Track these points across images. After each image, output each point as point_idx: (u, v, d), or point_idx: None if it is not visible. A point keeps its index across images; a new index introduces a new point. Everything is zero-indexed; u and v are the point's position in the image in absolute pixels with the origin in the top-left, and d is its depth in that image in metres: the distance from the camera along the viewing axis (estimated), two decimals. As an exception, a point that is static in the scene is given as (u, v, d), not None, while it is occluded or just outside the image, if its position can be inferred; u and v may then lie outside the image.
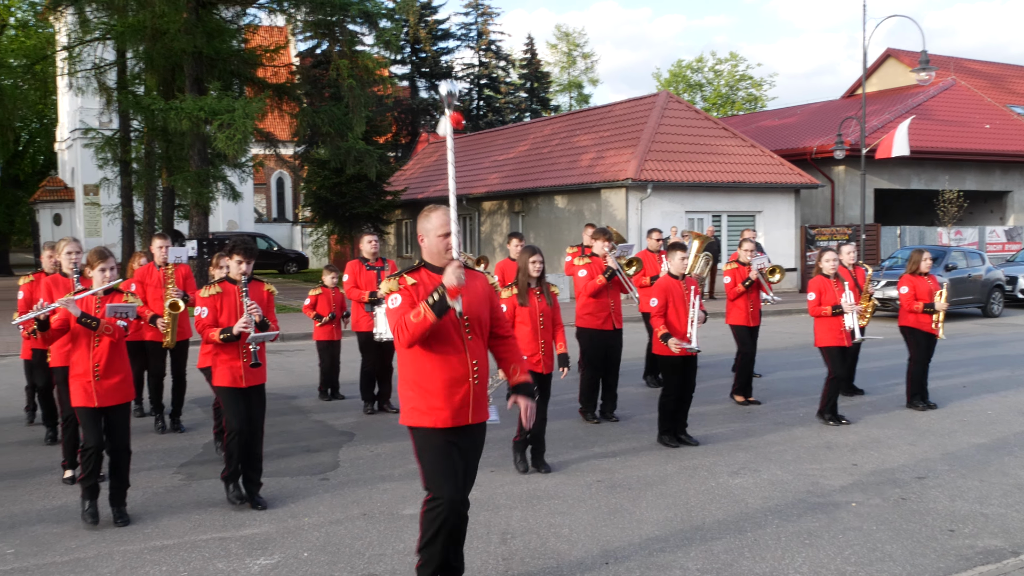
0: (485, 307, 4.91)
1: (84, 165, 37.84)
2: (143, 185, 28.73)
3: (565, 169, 27.26)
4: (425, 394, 4.74)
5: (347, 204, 31.06)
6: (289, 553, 5.90)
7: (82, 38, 25.72)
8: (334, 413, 10.46)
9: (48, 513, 6.82)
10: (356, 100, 22.15)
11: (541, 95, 52.47)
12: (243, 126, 19.11)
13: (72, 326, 6.37)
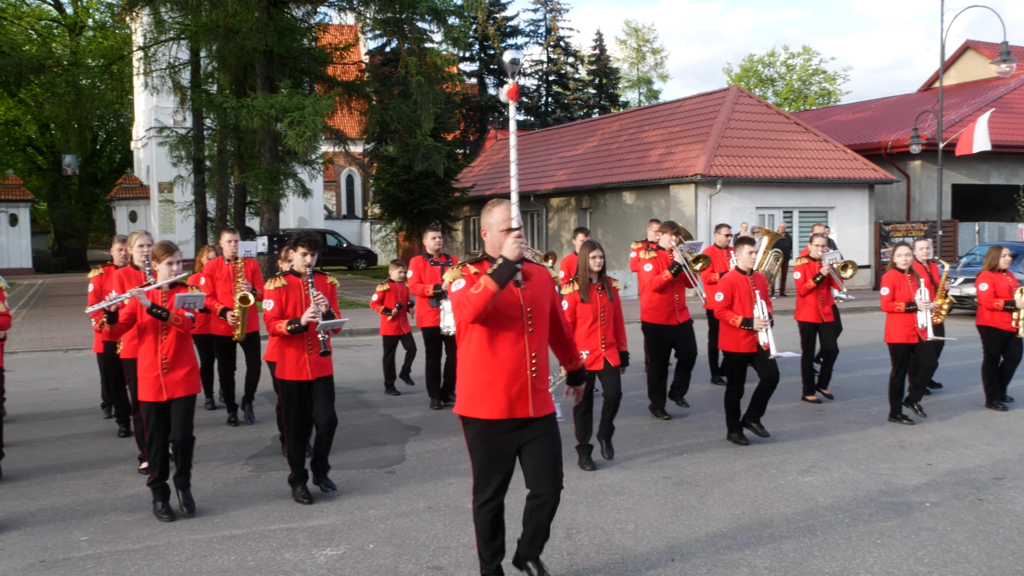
0: (547, 300, 4.90)
1: (159, 163, 38.80)
2: (216, 182, 29.33)
3: (633, 165, 27.07)
4: (481, 384, 4.73)
5: (415, 201, 31.28)
6: (355, 544, 5.95)
7: (157, 38, 26.32)
8: (400, 407, 10.53)
9: (121, 502, 6.98)
10: (424, 97, 22.27)
11: (609, 91, 52.21)
12: (313, 123, 19.35)
13: (140, 319, 6.48)
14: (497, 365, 4.70)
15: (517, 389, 4.72)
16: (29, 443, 8.96)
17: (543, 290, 4.87)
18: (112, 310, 6.36)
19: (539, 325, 4.81)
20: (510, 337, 4.70)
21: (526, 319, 4.74)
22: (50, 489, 7.34)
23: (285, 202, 25.97)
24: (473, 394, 4.76)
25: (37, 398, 11.40)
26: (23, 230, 41.24)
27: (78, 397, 11.47)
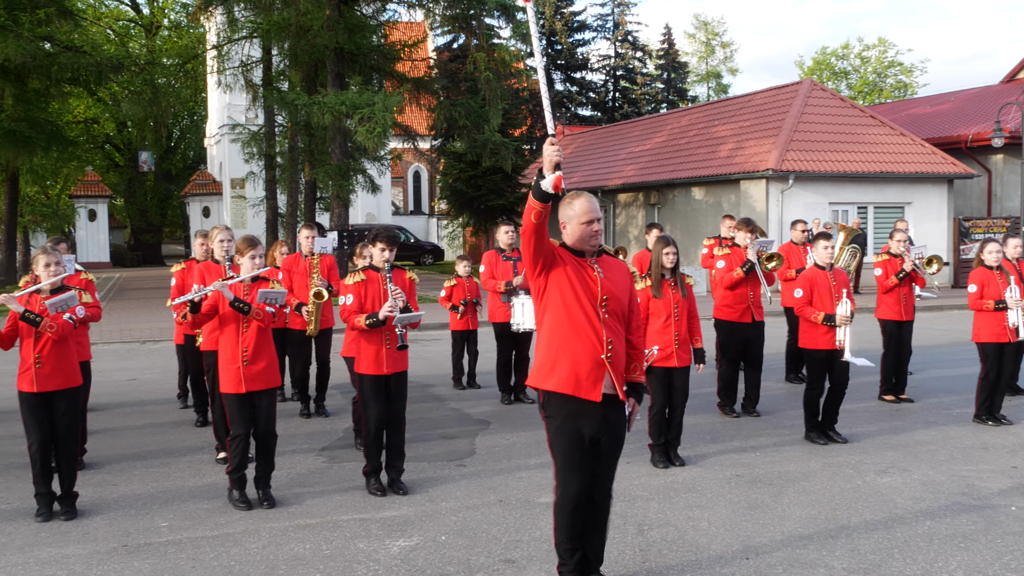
0: (624, 292, 4.85)
1: (231, 160, 39.54)
2: (286, 179, 29.75)
3: (703, 160, 26.77)
4: (553, 359, 4.72)
5: (482, 196, 31.39)
6: (427, 536, 5.98)
7: (230, 37, 26.78)
8: (469, 402, 10.57)
9: (199, 490, 7.12)
10: (492, 92, 22.32)
11: (678, 86, 51.76)
12: (383, 119, 19.52)
13: (222, 311, 6.59)
14: (571, 344, 4.68)
15: (589, 370, 4.68)
16: (110, 431, 9.20)
17: (621, 284, 4.83)
18: (196, 301, 6.47)
19: (613, 314, 4.78)
20: (585, 322, 4.67)
21: (600, 309, 4.71)
22: (131, 476, 7.52)
23: (354, 197, 26.24)
24: (543, 365, 4.76)
25: (116, 388, 11.70)
26: (101, 225, 42.40)
27: (155, 388, 11.75)
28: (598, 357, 4.68)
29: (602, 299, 4.72)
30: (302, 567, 5.46)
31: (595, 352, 4.68)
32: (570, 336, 4.68)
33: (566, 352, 4.69)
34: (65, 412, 6.37)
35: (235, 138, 31.71)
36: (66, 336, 6.39)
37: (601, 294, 4.71)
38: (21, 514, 6.48)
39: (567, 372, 4.68)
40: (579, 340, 4.68)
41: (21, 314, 6.20)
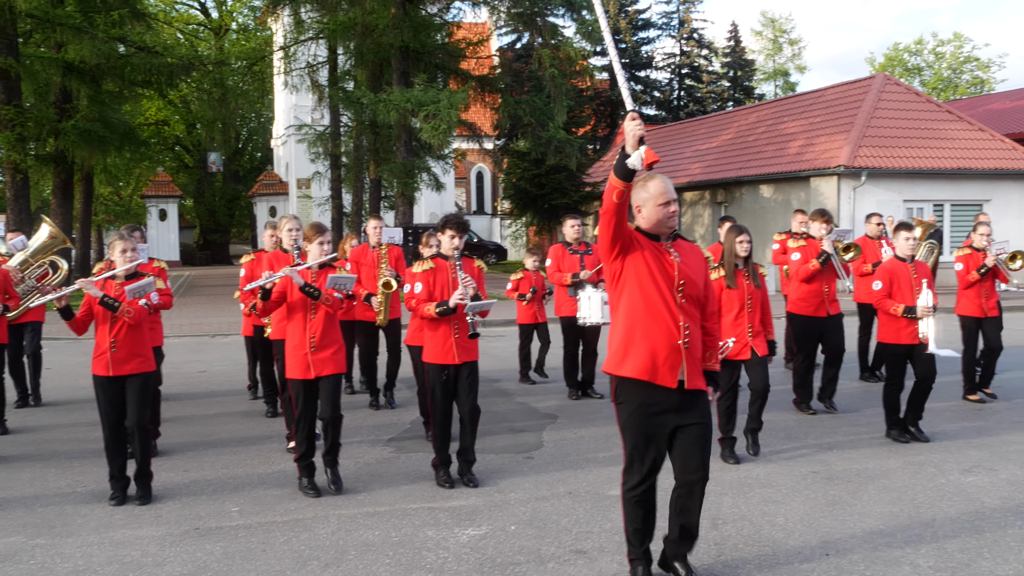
0: (700, 277, 4.73)
1: (297, 160, 40.07)
2: (352, 178, 30.03)
3: (771, 157, 26.32)
4: (628, 344, 4.61)
5: (546, 195, 31.30)
6: (496, 525, 5.90)
7: (297, 38, 27.15)
8: (536, 396, 10.47)
9: (269, 477, 7.14)
10: (558, 89, 22.24)
11: (744, 84, 51.02)
12: (448, 116, 19.57)
13: (291, 298, 6.59)
14: (646, 328, 4.57)
15: (665, 355, 4.57)
16: (181, 420, 9.30)
17: (697, 269, 4.72)
18: (267, 288, 6.48)
19: (690, 300, 4.65)
20: (660, 306, 4.57)
21: (678, 290, 4.59)
22: (202, 463, 7.58)
23: (419, 196, 26.38)
24: (618, 351, 4.66)
25: (187, 379, 11.85)
26: (171, 224, 43.29)
27: (225, 379, 11.88)
28: (675, 343, 4.57)
29: (679, 283, 4.60)
30: (371, 553, 5.42)
31: (672, 338, 4.56)
32: (646, 321, 4.58)
33: (642, 338, 4.58)
34: (138, 396, 6.43)
35: (301, 138, 32.11)
36: (141, 321, 6.45)
37: (678, 278, 4.60)
38: (96, 497, 6.56)
39: (643, 358, 4.57)
40: (655, 325, 4.57)
41: (100, 299, 6.27)
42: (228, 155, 48.71)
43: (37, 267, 9.70)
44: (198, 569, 5.18)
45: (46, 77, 24.33)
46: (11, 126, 22.34)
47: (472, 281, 6.74)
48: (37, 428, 9.03)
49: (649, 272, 4.55)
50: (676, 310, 4.58)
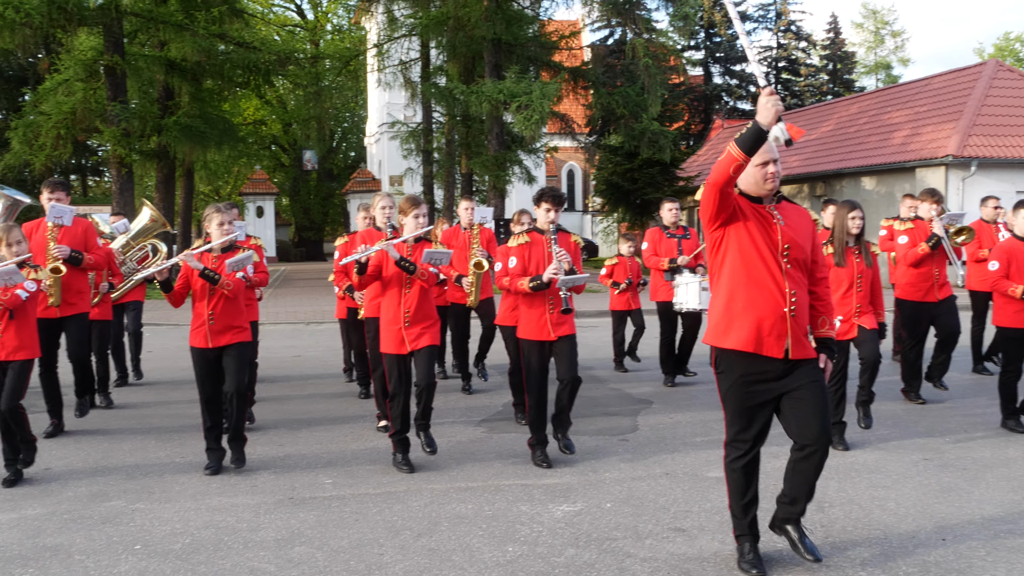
0: (807, 240, 4.50)
1: (390, 157, 40.51)
2: (443, 173, 30.20)
3: (874, 148, 25.47)
4: (732, 315, 4.41)
5: (639, 190, 30.90)
6: (592, 503, 5.74)
7: (390, 35, 27.45)
8: (630, 383, 10.27)
9: (361, 453, 7.12)
10: (652, 80, 21.92)
11: (844, 77, 49.65)
12: (540, 107, 19.47)
13: (386, 272, 6.53)
14: (750, 297, 4.38)
15: (771, 324, 4.36)
16: (276, 399, 9.40)
17: (803, 232, 4.49)
18: (363, 261, 6.42)
19: (796, 264, 4.43)
20: (765, 272, 4.36)
21: (783, 255, 4.37)
22: (296, 438, 7.62)
23: (510, 188, 26.34)
24: (720, 322, 4.47)
25: (282, 363, 12.00)
26: (268, 221, 44.22)
27: (318, 364, 11.99)
28: (780, 311, 4.35)
29: (783, 248, 4.38)
30: (464, 525, 5.32)
31: (777, 306, 4.35)
32: (750, 290, 4.37)
33: (745, 307, 4.38)
34: (236, 363, 6.46)
35: (394, 135, 32.45)
36: (238, 294, 6.49)
37: (782, 243, 4.38)
38: (193, 468, 6.63)
39: (747, 329, 4.37)
40: (760, 294, 4.36)
41: (200, 271, 6.32)
42: (323, 153, 49.52)
43: (138, 250, 9.91)
44: (292, 535, 5.17)
45: (150, 75, 25.16)
46: (117, 122, 23.09)
47: (567, 255, 6.57)
48: (138, 404, 9.23)
49: (751, 239, 4.35)
50: (781, 277, 4.37)
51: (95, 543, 5.06)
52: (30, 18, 20.47)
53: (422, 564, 4.73)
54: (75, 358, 7.98)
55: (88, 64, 24.37)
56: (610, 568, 4.67)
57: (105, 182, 45.64)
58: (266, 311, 17.88)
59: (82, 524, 5.39)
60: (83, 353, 8.05)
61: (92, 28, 23.96)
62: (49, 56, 33.12)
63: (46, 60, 33.83)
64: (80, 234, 7.82)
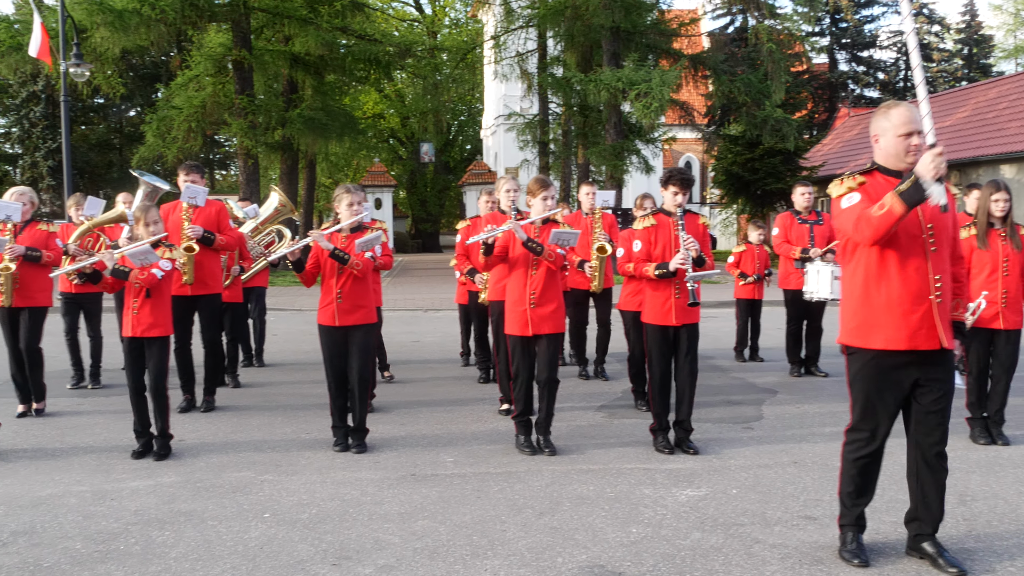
0: (948, 218, 4.23)
1: (506, 148, 40.65)
2: (560, 164, 30.13)
3: (1015, 134, 24.18)
4: (874, 311, 4.16)
5: (759, 180, 30.16)
6: (717, 488, 5.59)
7: (507, 27, 27.52)
8: (754, 372, 10.01)
9: (482, 434, 7.12)
10: (775, 66, 21.34)
11: (980, 62, 47.35)
12: (660, 94, 19.19)
13: (513, 253, 6.47)
14: (893, 290, 4.12)
15: (919, 317, 4.10)
16: (397, 382, 9.53)
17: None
18: (490, 242, 6.38)
19: (941, 245, 4.17)
20: (908, 259, 4.10)
21: (927, 236, 4.12)
22: (417, 418, 7.68)
23: (627, 178, 26.07)
24: (861, 323, 4.22)
25: (401, 348, 12.14)
26: (386, 213, 44.93)
27: (437, 349, 12.10)
28: (927, 300, 4.09)
29: (927, 227, 4.12)
30: (586, 505, 5.24)
31: (922, 293, 4.10)
32: (891, 279, 4.13)
33: (890, 301, 4.13)
34: (361, 347, 6.53)
35: (510, 127, 32.57)
36: (367, 273, 6.56)
37: (925, 222, 4.11)
38: (318, 444, 6.74)
39: (894, 325, 4.13)
40: (903, 283, 4.11)
41: (331, 251, 6.40)
42: (440, 146, 50.10)
43: (265, 235, 10.16)
44: (415, 509, 5.19)
45: (275, 69, 25.93)
46: (244, 114, 23.86)
47: (695, 243, 6.34)
48: (264, 383, 9.47)
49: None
50: (924, 261, 4.11)
51: (226, 510, 5.19)
52: (165, 15, 21.32)
53: (545, 541, 4.67)
54: (207, 338, 8.22)
55: (217, 60, 25.27)
56: (738, 553, 4.52)
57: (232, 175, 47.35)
58: (385, 298, 18.09)
59: (213, 492, 5.54)
60: (215, 333, 8.28)
61: (221, 24, 24.83)
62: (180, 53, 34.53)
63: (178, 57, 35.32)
64: (213, 215, 8.04)
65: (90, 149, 42.57)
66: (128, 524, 4.95)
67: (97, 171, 42.58)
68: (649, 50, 24.58)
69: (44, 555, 4.51)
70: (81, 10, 20.80)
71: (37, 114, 39.40)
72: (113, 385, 9.21)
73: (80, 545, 4.65)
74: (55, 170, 38.00)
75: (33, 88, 38.09)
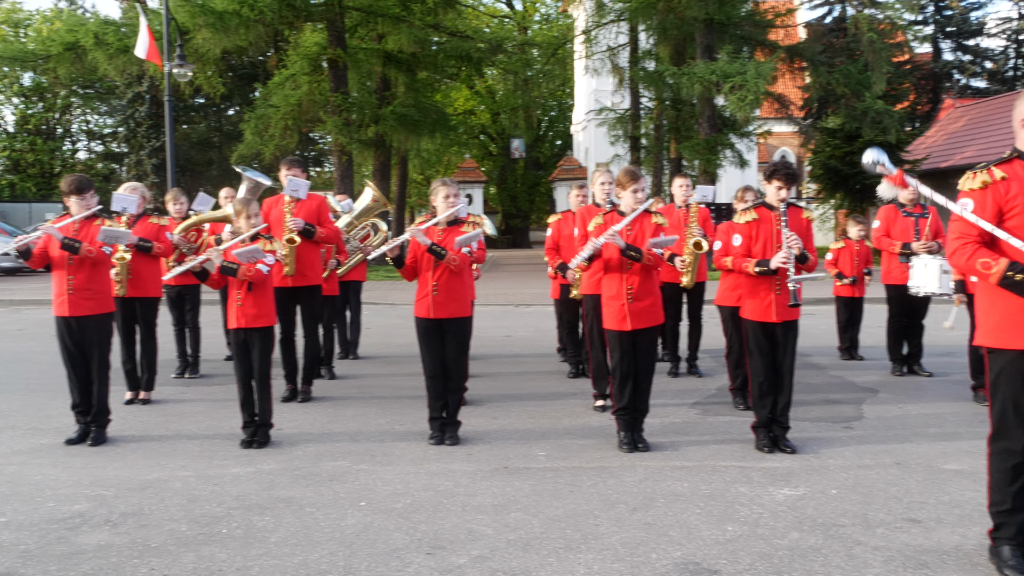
0: None
1: (596, 144, 40.43)
2: (651, 159, 29.83)
3: None
4: (1013, 307, 3.98)
5: (858, 174, 29.29)
6: (815, 488, 5.45)
7: (598, 21, 27.37)
8: (854, 371, 9.75)
9: (574, 429, 7.11)
10: (876, 56, 20.72)
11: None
12: (755, 87, 18.82)
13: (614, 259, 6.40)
14: None
15: None
16: (488, 376, 9.56)
17: None
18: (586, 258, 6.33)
19: None
20: None
21: None
22: (508, 412, 7.70)
23: (721, 173, 25.68)
24: (1000, 323, 4.05)
25: (493, 342, 12.19)
26: (476, 209, 45.21)
27: (528, 344, 12.11)
28: None
29: None
30: (680, 502, 5.18)
31: None
32: None
33: None
34: (455, 341, 6.59)
35: (601, 122, 32.38)
36: (463, 269, 6.61)
37: None
38: (412, 435, 6.81)
39: None
40: None
41: (428, 247, 6.46)
42: (530, 142, 50.19)
43: (360, 228, 10.31)
44: (508, 501, 5.20)
45: (369, 67, 26.34)
46: (339, 112, 24.30)
47: (798, 241, 6.14)
48: (359, 375, 9.62)
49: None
50: None
51: (323, 497, 5.29)
52: (263, 15, 21.84)
53: (639, 537, 4.63)
54: (307, 329, 8.39)
55: (312, 59, 25.79)
56: (838, 554, 4.41)
57: (326, 171, 48.24)
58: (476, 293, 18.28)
59: (311, 480, 5.65)
60: (314, 324, 8.46)
61: (317, 24, 25.32)
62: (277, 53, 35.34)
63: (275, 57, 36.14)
64: (314, 208, 8.21)
65: (191, 147, 43.97)
66: (230, 508, 5.09)
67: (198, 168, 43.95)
68: (744, 42, 24.12)
69: (152, 536, 4.67)
70: (184, 12, 21.47)
71: (142, 114, 40.85)
72: (213, 375, 9.48)
73: (185, 527, 4.80)
74: (159, 167, 39.33)
75: (138, 89, 39.48)
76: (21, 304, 16.94)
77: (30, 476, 5.77)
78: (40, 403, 8.04)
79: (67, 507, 5.13)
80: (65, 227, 6.64)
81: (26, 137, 44.12)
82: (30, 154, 43.48)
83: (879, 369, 9.70)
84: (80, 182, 6.73)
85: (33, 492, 5.43)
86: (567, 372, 9.63)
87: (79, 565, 4.31)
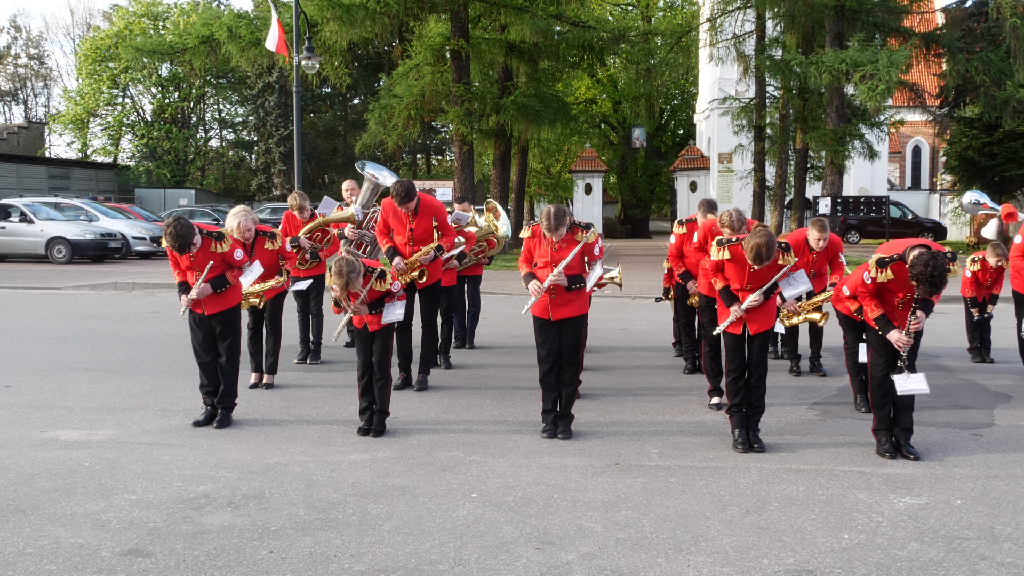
0: None
1: (720, 133, 39.71)
2: (776, 150, 29.14)
3: None
4: None
5: (997, 166, 27.95)
6: (939, 498, 5.26)
7: (724, 9, 26.85)
8: (985, 374, 9.33)
9: (688, 425, 7.04)
10: (1019, 42, 19.70)
11: None
12: (887, 76, 18.12)
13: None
14: None
15: None
16: (603, 369, 9.53)
17: None
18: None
19: None
20: None
21: None
22: (622, 407, 7.68)
23: (849, 164, 24.86)
24: None
25: (608, 335, 12.15)
26: (595, 198, 45.11)
27: (644, 337, 12.02)
28: None
29: None
30: (795, 507, 5.07)
31: None
32: None
33: None
34: (570, 335, 6.64)
35: (724, 111, 31.79)
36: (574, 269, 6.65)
37: None
38: (525, 427, 6.88)
39: None
40: None
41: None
42: (651, 131, 49.63)
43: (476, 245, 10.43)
44: (618, 499, 5.20)
45: (490, 57, 26.52)
46: (461, 102, 24.58)
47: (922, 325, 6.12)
48: (474, 365, 9.74)
49: None
50: None
51: (436, 487, 5.40)
52: (388, 7, 22.26)
53: (751, 541, 4.56)
54: (425, 319, 8.56)
55: (436, 49, 26.12)
56: (960, 569, 4.25)
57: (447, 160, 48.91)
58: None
59: (425, 469, 5.77)
60: (432, 315, 8.63)
61: (441, 15, 25.63)
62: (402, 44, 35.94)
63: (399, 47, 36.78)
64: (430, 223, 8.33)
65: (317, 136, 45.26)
66: (346, 495, 5.25)
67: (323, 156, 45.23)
68: (876, 29, 23.24)
69: (271, 519, 4.86)
70: (313, 6, 22.08)
71: (271, 104, 42.28)
72: (334, 361, 9.75)
73: (303, 512, 4.97)
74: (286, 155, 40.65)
75: (268, 80, 40.86)
76: (156, 287, 17.73)
77: (159, 456, 6.07)
78: (171, 385, 8.44)
79: (193, 487, 5.38)
80: None
81: (163, 126, 46.24)
82: (166, 142, 45.57)
83: (1013, 373, 9.27)
84: None
85: (162, 471, 5.71)
86: (683, 368, 9.53)
87: (203, 545, 4.52)
